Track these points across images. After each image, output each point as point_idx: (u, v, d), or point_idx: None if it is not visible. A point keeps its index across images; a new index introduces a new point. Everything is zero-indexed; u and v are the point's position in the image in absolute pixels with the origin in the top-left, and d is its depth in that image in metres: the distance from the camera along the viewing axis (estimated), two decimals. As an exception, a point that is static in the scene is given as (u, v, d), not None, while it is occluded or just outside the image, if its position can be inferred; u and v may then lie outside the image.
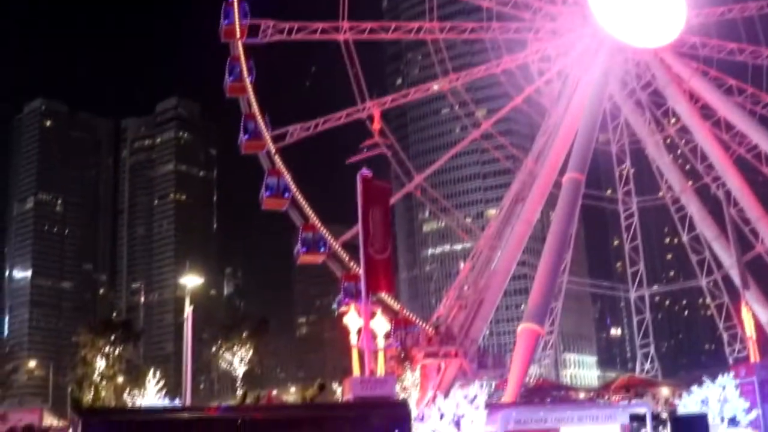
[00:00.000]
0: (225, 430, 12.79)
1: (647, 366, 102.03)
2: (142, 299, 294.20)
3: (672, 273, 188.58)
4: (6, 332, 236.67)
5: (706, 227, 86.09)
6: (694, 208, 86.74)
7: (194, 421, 13.51)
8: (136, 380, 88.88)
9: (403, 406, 15.07)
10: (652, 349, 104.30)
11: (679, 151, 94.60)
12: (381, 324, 52.84)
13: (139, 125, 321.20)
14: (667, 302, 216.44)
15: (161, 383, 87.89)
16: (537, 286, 73.89)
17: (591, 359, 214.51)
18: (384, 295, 64.60)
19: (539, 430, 43.44)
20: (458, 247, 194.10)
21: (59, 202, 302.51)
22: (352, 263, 70.25)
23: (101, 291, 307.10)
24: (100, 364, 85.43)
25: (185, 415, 15.03)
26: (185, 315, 48.32)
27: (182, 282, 59.77)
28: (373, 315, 52.51)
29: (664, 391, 72.59)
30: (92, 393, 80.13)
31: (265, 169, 73.81)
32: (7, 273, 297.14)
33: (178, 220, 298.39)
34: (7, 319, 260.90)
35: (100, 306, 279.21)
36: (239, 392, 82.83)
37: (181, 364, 63.80)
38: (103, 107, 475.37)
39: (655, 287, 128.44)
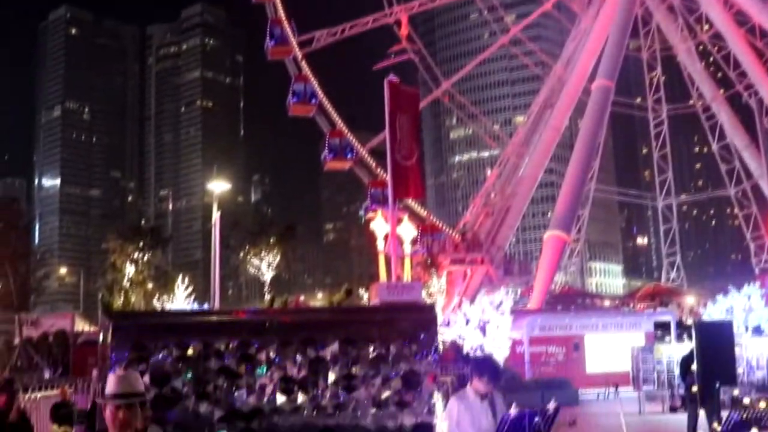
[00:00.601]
0: (253, 332, 12.77)
1: (673, 275, 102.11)
2: (170, 206, 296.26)
3: (700, 182, 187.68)
4: (37, 240, 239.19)
5: (736, 136, 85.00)
6: (724, 116, 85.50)
7: (223, 324, 13.51)
8: (165, 286, 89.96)
9: (430, 309, 15.04)
10: (678, 259, 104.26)
11: (711, 59, 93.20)
12: (408, 230, 52.94)
13: (165, 32, 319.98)
14: (695, 212, 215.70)
15: (190, 289, 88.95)
16: (564, 194, 73.68)
17: (617, 268, 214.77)
18: (411, 202, 64.67)
19: (564, 336, 43.73)
20: (485, 154, 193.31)
21: (86, 110, 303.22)
22: (379, 169, 70.24)
23: (129, 198, 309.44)
24: (130, 270, 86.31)
25: (214, 317, 15.07)
26: (213, 221, 48.52)
27: (210, 188, 59.85)
28: (399, 221, 52.61)
29: (690, 300, 72.71)
30: (122, 298, 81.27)
31: (291, 75, 73.36)
32: (36, 181, 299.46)
33: (205, 127, 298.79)
34: (37, 226, 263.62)
35: (128, 213, 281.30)
36: (267, 297, 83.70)
37: (209, 271, 64.39)
38: (128, 14, 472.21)
39: (683, 196, 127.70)
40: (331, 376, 12.96)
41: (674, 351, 35.40)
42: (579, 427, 24.85)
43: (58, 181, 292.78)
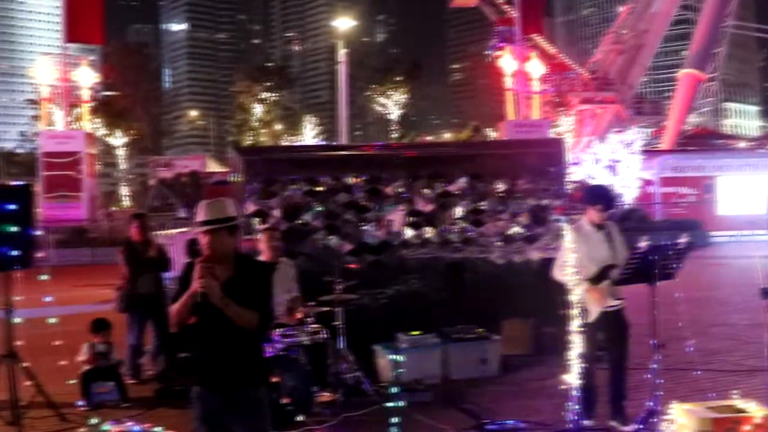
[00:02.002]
0: (382, 166, 12.80)
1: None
2: (297, 47, 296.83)
3: None
4: (167, 84, 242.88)
5: None
6: None
7: (352, 158, 13.57)
8: (293, 126, 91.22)
9: (559, 144, 14.80)
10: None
11: None
12: (536, 67, 52.12)
13: None
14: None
15: (317, 129, 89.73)
16: (700, 30, 71.02)
17: (753, 109, 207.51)
18: (539, 39, 63.36)
19: (696, 177, 42.80)
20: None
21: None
22: (505, 6, 68.74)
23: (256, 41, 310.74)
24: (258, 110, 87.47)
25: (343, 152, 15.14)
26: (339, 57, 48.41)
27: (335, 25, 59.38)
28: (527, 58, 51.80)
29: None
30: (252, 137, 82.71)
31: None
32: (164, 27, 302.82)
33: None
34: (167, 71, 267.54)
35: (255, 56, 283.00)
36: (394, 136, 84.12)
37: (335, 111, 64.63)
38: None
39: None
40: (459, 211, 13.01)
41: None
42: (712, 269, 24.56)
43: (185, 26, 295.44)
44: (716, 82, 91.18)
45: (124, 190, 73.84)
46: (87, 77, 51.39)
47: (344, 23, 54.84)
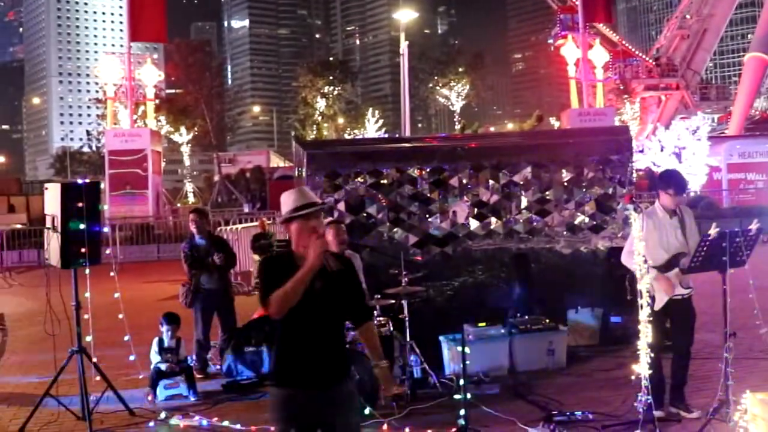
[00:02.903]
0: (445, 158, 12.75)
1: None
2: (357, 41, 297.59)
3: None
4: (230, 81, 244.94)
5: None
6: None
7: (415, 150, 13.52)
8: (356, 119, 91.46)
9: (624, 131, 14.62)
10: None
11: None
12: (599, 55, 51.69)
13: None
14: None
15: (380, 122, 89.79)
16: (766, 12, 69.81)
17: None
18: (601, 26, 62.73)
19: (765, 162, 42.16)
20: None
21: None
22: (569, -6, 68.21)
23: (317, 36, 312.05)
24: (321, 104, 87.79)
25: (406, 144, 15.10)
26: (401, 50, 48.33)
27: (396, 17, 59.26)
28: (590, 46, 51.37)
29: None
30: (314, 132, 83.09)
31: None
32: (225, 23, 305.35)
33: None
34: (229, 68, 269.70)
35: (316, 50, 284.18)
36: (457, 127, 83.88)
37: (398, 104, 64.61)
38: None
39: None
40: (524, 201, 12.91)
41: None
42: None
43: (246, 22, 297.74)
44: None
45: (189, 187, 74.60)
46: (151, 75, 52.07)
47: (405, 15, 54.63)
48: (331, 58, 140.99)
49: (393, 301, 9.88)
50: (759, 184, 41.35)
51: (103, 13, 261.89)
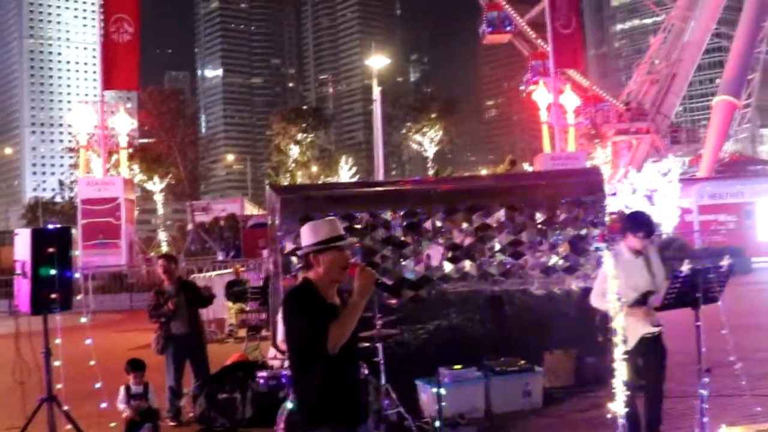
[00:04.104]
0: (419, 201, 12.78)
1: None
2: (331, 89, 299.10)
3: None
4: (203, 130, 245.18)
5: None
6: None
7: (389, 194, 13.56)
8: (329, 166, 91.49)
9: (596, 173, 14.74)
10: None
11: None
12: (570, 99, 52.11)
13: None
14: None
15: (353, 169, 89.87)
16: (733, 57, 70.82)
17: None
18: (572, 72, 63.40)
19: (735, 203, 42.44)
20: (648, 21, 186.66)
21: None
22: (538, 41, 68.94)
23: (290, 84, 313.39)
24: (294, 151, 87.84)
25: (380, 188, 15.15)
26: (374, 95, 48.54)
27: (369, 63, 59.39)
28: (561, 91, 51.82)
29: None
30: (288, 179, 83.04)
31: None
32: (199, 73, 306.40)
33: (361, 8, 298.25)
34: (203, 117, 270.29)
35: (289, 99, 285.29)
36: (431, 173, 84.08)
37: (372, 151, 64.79)
38: None
39: None
40: (497, 243, 12.93)
41: None
42: (754, 295, 24.24)
43: (220, 72, 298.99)
44: (751, 109, 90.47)
45: (163, 236, 74.27)
46: (124, 124, 51.98)
47: (378, 61, 54.99)
48: (305, 106, 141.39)
49: (367, 344, 9.83)
50: (730, 225, 41.63)
51: (77, 63, 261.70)
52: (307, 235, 5.22)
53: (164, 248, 67.27)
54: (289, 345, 5.17)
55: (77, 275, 21.30)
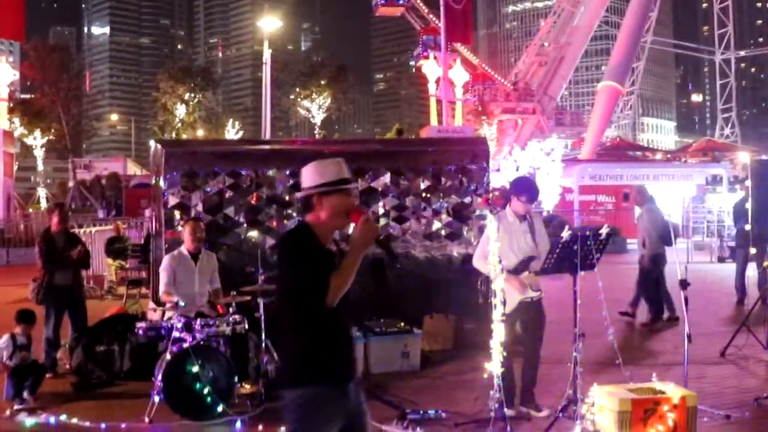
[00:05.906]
0: (304, 161, 12.67)
1: (727, 131, 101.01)
2: (220, 54, 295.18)
3: (761, 39, 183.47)
4: (88, 88, 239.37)
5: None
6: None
7: (275, 153, 13.51)
8: (216, 128, 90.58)
9: (482, 142, 14.94)
10: (733, 115, 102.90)
11: None
12: (459, 74, 52.65)
13: None
14: (753, 69, 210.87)
15: (240, 133, 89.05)
16: (619, 44, 72.31)
17: (670, 124, 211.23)
18: (462, 48, 63.90)
19: (614, 186, 43.50)
20: (540, 4, 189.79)
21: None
22: (430, 16, 69.28)
23: (179, 46, 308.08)
24: (181, 110, 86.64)
25: (266, 146, 15.07)
26: (264, 58, 48.02)
27: (260, 25, 58.58)
28: (451, 66, 52.28)
29: (743, 156, 71.61)
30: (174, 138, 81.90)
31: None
32: (86, 30, 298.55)
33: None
34: (88, 74, 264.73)
35: (178, 61, 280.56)
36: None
37: (259, 118, 64.19)
38: None
39: (742, 52, 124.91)
40: (382, 207, 13.01)
41: (725, 202, 35.15)
42: (629, 275, 24.91)
43: (107, 29, 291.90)
44: (634, 96, 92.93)
45: (42, 192, 72.46)
46: (5, 74, 50.47)
47: (269, 23, 54.29)
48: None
49: (249, 298, 9.80)
50: (608, 206, 42.66)
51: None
52: (311, 175, 4.88)
53: (43, 204, 65.68)
54: (282, 292, 4.79)
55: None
